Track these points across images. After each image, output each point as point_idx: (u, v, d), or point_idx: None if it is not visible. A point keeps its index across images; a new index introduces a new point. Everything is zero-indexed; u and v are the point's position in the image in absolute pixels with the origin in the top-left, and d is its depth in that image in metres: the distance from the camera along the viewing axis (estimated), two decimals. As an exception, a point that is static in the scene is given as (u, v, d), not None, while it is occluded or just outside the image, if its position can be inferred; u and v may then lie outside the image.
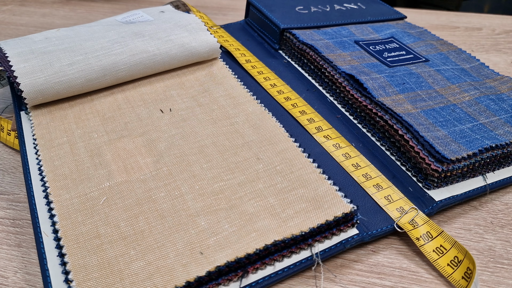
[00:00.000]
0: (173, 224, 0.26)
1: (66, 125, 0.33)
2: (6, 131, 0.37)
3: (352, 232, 0.28)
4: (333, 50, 0.43)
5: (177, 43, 0.39)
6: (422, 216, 0.29)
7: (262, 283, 0.25)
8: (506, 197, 0.34)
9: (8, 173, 0.34)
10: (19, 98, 0.36)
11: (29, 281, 0.26)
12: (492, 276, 0.28)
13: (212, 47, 0.40)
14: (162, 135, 0.33)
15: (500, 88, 0.40)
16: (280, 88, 0.42)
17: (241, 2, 0.69)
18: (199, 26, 0.40)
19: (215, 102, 0.36)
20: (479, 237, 0.30)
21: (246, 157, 0.31)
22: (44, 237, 0.26)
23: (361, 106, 0.37)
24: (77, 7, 0.66)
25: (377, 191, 0.31)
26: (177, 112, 0.35)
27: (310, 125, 0.37)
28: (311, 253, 0.26)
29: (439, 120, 0.35)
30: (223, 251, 0.25)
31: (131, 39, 0.37)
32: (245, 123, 0.34)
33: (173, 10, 0.44)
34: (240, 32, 0.53)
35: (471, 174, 0.33)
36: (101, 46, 0.36)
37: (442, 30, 0.62)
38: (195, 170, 0.30)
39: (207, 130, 0.33)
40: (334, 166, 0.33)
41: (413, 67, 0.42)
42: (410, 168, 0.33)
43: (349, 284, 0.27)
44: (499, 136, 0.33)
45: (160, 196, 0.28)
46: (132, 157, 0.31)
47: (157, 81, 0.39)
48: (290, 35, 0.47)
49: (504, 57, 0.55)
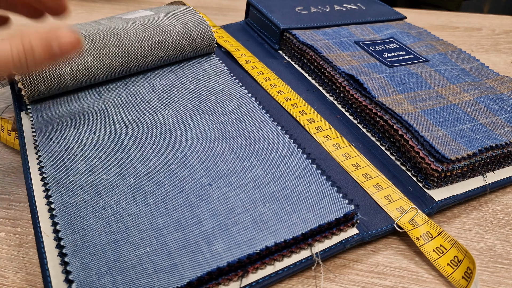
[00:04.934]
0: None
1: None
2: (6, 131, 0.37)
3: (352, 232, 0.28)
4: (333, 51, 0.43)
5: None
6: (422, 216, 0.29)
7: (262, 283, 0.25)
8: (506, 197, 0.34)
9: (8, 173, 0.34)
10: (20, 98, 0.36)
11: (29, 281, 0.26)
12: (492, 276, 0.28)
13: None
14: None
15: (500, 88, 0.40)
16: (280, 88, 0.42)
17: (241, 2, 0.69)
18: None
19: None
20: (479, 237, 0.30)
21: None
22: (44, 237, 0.26)
23: (361, 106, 0.38)
24: (77, 7, 0.66)
25: (377, 191, 0.31)
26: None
27: (310, 125, 0.37)
28: (311, 253, 0.26)
29: (439, 120, 0.35)
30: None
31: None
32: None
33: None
34: (240, 33, 0.53)
35: (471, 174, 0.33)
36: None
37: (442, 30, 0.62)
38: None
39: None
40: (334, 166, 0.33)
41: (413, 67, 0.42)
42: (410, 168, 0.33)
43: (349, 284, 0.27)
44: (499, 136, 0.33)
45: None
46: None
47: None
48: (290, 36, 0.47)
49: (504, 57, 0.55)
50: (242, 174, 0.30)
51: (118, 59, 0.37)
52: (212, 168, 0.30)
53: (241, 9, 0.67)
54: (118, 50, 0.36)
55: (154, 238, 0.25)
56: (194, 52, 0.41)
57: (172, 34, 0.39)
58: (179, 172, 0.29)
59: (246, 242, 0.25)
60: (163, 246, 0.25)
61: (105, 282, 0.23)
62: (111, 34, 0.37)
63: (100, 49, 0.36)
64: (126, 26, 0.38)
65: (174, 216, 0.27)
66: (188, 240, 0.25)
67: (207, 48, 0.42)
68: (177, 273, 0.23)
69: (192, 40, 0.40)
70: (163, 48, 0.39)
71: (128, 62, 0.37)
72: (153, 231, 0.26)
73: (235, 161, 0.31)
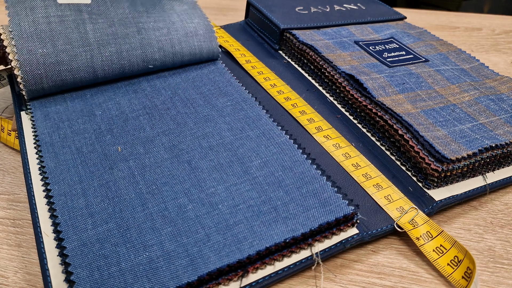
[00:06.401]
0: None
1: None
2: (7, 131, 0.37)
3: (352, 232, 0.28)
4: (333, 50, 0.43)
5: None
6: (422, 215, 0.29)
7: (262, 282, 0.25)
8: (506, 197, 0.34)
9: (8, 173, 0.34)
10: (20, 98, 0.36)
11: (29, 281, 0.26)
12: (492, 276, 0.28)
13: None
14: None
15: (500, 88, 0.40)
16: (280, 88, 0.42)
17: (241, 2, 0.69)
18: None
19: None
20: (479, 237, 0.30)
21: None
22: (44, 237, 0.26)
23: (361, 106, 0.38)
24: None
25: (377, 190, 0.31)
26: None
27: (310, 125, 0.37)
28: (311, 253, 0.26)
29: (439, 120, 0.35)
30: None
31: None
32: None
33: None
34: (240, 33, 0.53)
35: (471, 174, 0.33)
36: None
37: (442, 30, 0.62)
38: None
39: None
40: (334, 166, 0.33)
41: (413, 67, 0.42)
42: (410, 168, 0.33)
43: (349, 284, 0.27)
44: (499, 136, 0.33)
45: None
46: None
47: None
48: (290, 36, 0.47)
49: (504, 57, 0.55)
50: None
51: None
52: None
53: (241, 9, 0.67)
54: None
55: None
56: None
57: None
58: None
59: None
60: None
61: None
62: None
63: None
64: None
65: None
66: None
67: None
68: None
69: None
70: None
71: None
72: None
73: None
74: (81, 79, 0.36)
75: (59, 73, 0.34)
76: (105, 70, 0.36)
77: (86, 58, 0.35)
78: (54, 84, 0.35)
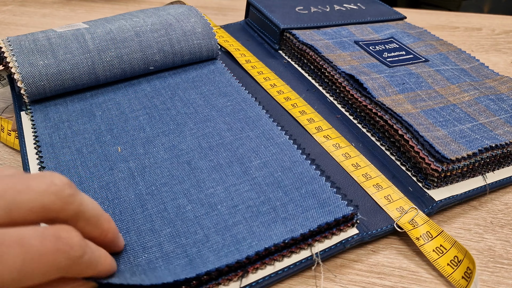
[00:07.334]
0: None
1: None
2: (6, 131, 0.37)
3: (352, 232, 0.28)
4: (333, 50, 0.43)
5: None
6: (422, 216, 0.29)
7: (262, 283, 0.25)
8: (506, 197, 0.34)
9: (8, 173, 0.34)
10: (20, 98, 0.36)
11: (29, 281, 0.26)
12: (492, 276, 0.28)
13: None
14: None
15: (499, 88, 0.40)
16: (280, 88, 0.42)
17: (241, 2, 0.69)
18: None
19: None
20: (479, 237, 0.30)
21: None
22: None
23: (361, 106, 0.38)
24: (77, 7, 0.67)
25: (377, 191, 0.31)
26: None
27: (310, 125, 0.37)
28: (311, 253, 0.26)
29: (439, 120, 0.35)
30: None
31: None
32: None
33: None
34: (240, 33, 0.53)
35: (471, 174, 0.33)
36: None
37: (442, 30, 0.62)
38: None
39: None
40: (334, 166, 0.33)
41: (413, 67, 0.42)
42: (410, 168, 0.33)
43: (349, 284, 0.27)
44: (499, 136, 0.33)
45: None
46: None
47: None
48: (290, 36, 0.47)
49: (504, 57, 0.55)
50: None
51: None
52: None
53: (241, 9, 0.67)
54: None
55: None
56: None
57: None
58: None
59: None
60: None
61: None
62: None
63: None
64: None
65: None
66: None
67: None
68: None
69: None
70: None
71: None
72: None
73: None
74: (84, 84, 0.36)
75: (62, 82, 0.35)
76: (107, 74, 0.37)
77: (87, 64, 0.35)
78: (57, 91, 0.35)
